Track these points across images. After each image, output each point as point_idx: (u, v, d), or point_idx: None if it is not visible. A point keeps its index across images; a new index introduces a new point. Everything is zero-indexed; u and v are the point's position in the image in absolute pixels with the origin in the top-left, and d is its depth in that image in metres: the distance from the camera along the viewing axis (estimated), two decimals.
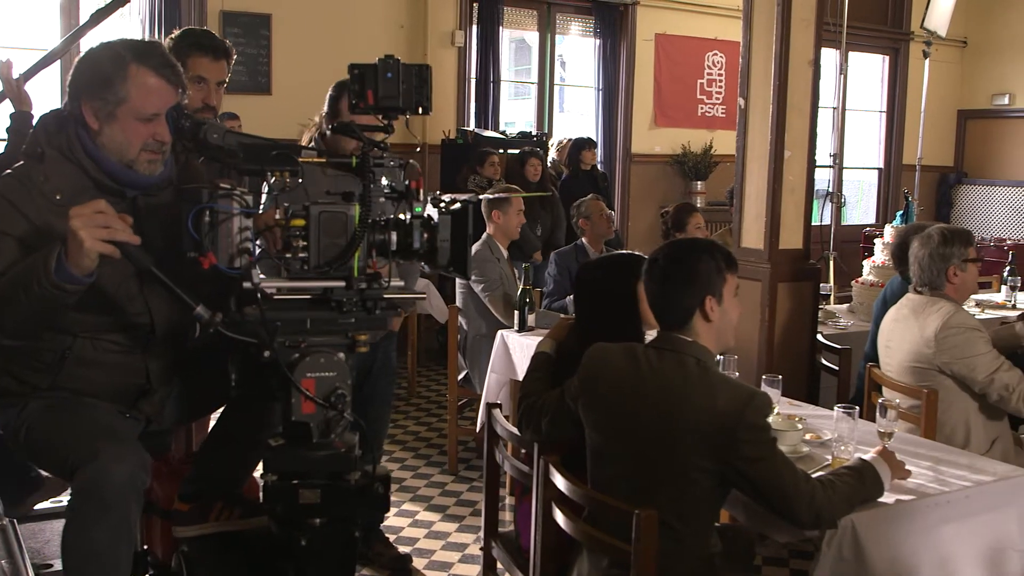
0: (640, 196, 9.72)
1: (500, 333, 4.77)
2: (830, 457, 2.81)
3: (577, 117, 10.26)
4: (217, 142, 2.35)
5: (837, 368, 4.36)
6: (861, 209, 12.03)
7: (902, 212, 6.35)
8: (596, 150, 8.73)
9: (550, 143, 8.95)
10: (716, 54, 10.12)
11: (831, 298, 6.19)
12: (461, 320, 5.24)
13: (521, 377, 3.25)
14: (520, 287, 4.80)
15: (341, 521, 2.24)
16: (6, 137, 3.39)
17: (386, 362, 3.82)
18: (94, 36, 3.24)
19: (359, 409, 2.30)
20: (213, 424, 2.88)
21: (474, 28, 8.67)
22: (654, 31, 9.71)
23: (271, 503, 2.21)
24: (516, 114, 10.20)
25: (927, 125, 8.97)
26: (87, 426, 2.41)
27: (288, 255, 2.16)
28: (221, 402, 2.82)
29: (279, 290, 2.18)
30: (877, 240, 6.13)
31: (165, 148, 2.47)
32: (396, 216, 2.23)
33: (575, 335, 3.03)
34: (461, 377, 5.26)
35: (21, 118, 3.35)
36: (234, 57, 3.36)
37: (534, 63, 9.50)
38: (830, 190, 7.80)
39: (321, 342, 2.19)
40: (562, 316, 4.16)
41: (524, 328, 4.70)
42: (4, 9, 6.92)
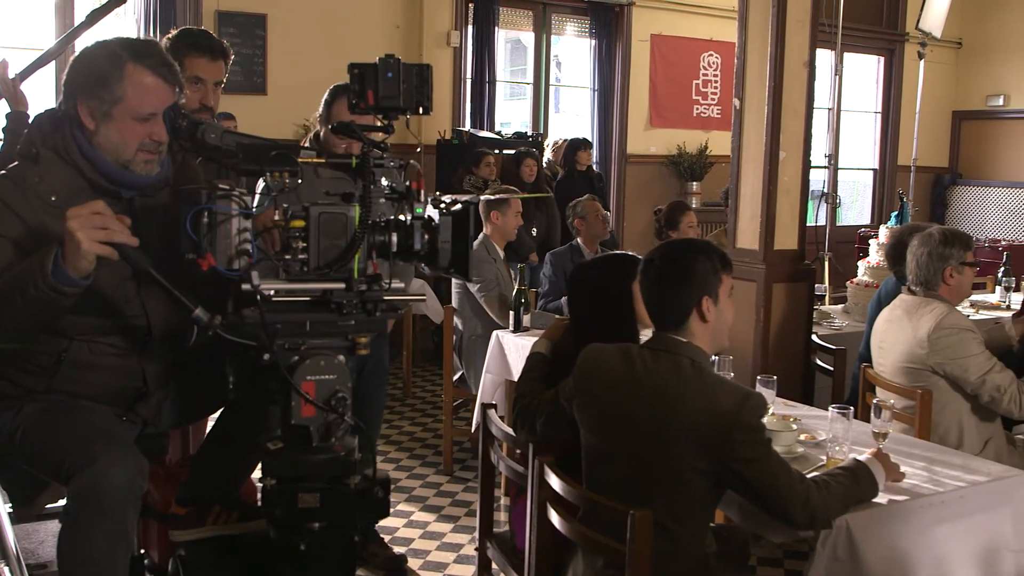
0: (635, 197, 9.72)
1: (495, 333, 4.77)
2: (825, 457, 2.81)
3: (573, 117, 10.26)
4: (215, 142, 2.34)
5: (832, 369, 4.36)
6: (856, 210, 12.05)
7: (897, 213, 6.38)
8: (592, 151, 8.74)
9: (546, 143, 8.94)
10: (711, 55, 10.13)
11: (826, 299, 6.19)
12: (457, 320, 5.24)
13: (516, 377, 3.25)
14: (516, 287, 4.80)
15: (340, 525, 2.22)
16: (2, 137, 3.37)
17: (378, 363, 3.78)
18: (90, 36, 3.23)
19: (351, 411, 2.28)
20: (210, 427, 2.86)
21: (470, 28, 8.67)
22: (650, 32, 9.72)
23: (270, 507, 2.19)
24: (512, 114, 10.21)
25: (922, 126, 8.99)
26: (83, 429, 2.37)
27: (287, 256, 2.14)
28: (218, 405, 2.81)
29: (277, 292, 2.15)
30: (872, 241, 6.14)
31: (162, 148, 2.44)
32: (396, 217, 2.21)
33: (570, 336, 3.03)
34: (456, 377, 5.26)
35: (17, 118, 3.34)
36: (232, 57, 3.35)
37: (530, 63, 9.50)
38: (825, 191, 7.81)
39: (321, 344, 2.17)
40: (557, 317, 4.17)
41: (519, 329, 4.71)
42: None
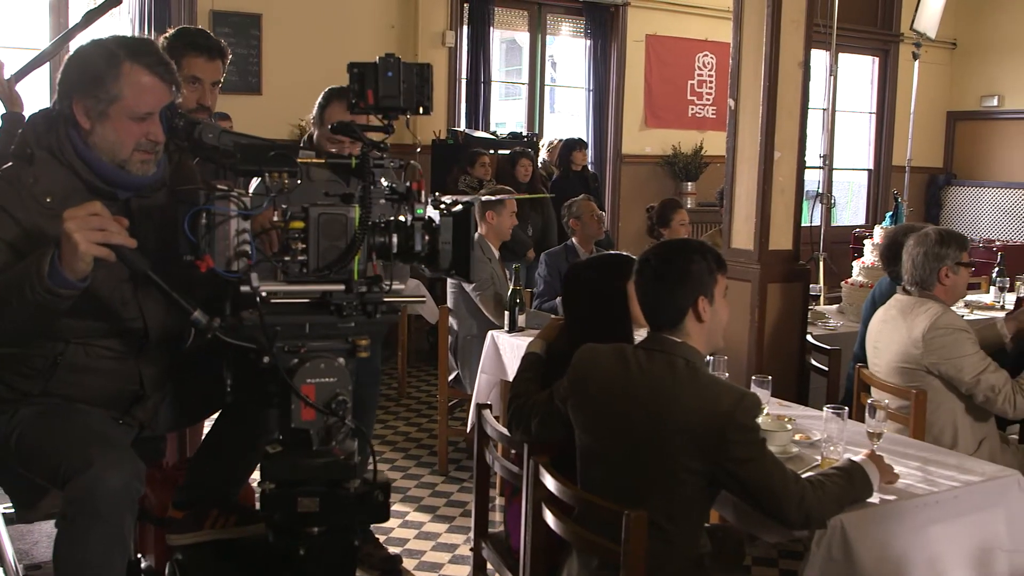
0: (630, 197, 9.73)
1: (490, 334, 4.78)
2: (819, 457, 2.82)
3: (568, 118, 10.27)
4: (212, 142, 2.30)
5: (827, 369, 4.37)
6: (851, 210, 12.08)
7: (892, 213, 6.38)
8: (587, 151, 8.75)
9: (541, 144, 8.95)
10: (706, 55, 10.15)
11: (821, 299, 6.19)
12: (452, 321, 5.24)
13: (511, 378, 3.25)
14: (511, 288, 4.80)
15: (340, 530, 2.19)
16: None
17: (371, 364, 3.75)
18: (85, 36, 3.22)
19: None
20: (208, 430, 2.83)
21: (465, 28, 8.68)
22: (644, 32, 9.73)
23: (269, 511, 2.16)
24: (507, 115, 10.21)
25: (916, 126, 9.01)
26: (80, 433, 2.34)
27: (287, 258, 2.11)
28: (216, 407, 2.78)
29: (276, 294, 2.12)
30: (867, 241, 6.14)
31: (158, 148, 2.40)
32: (397, 218, 2.18)
33: (565, 336, 3.03)
34: (451, 378, 5.27)
35: (12, 119, 3.33)
36: (229, 57, 3.32)
37: (525, 64, 9.51)
38: (820, 191, 7.83)
39: (321, 347, 2.14)
40: (552, 317, 4.17)
41: (514, 329, 4.71)
42: None
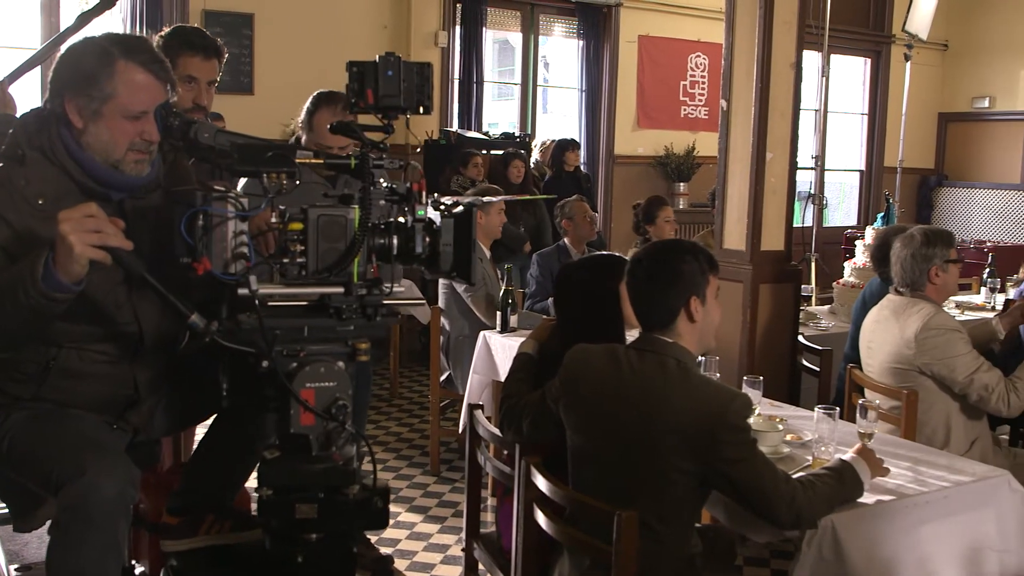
0: (623, 197, 9.71)
1: (482, 334, 4.77)
2: (811, 458, 2.82)
3: (560, 118, 10.26)
4: (208, 142, 2.26)
5: (818, 369, 4.38)
6: (842, 211, 12.09)
7: (883, 214, 6.41)
8: (579, 151, 8.75)
9: (533, 144, 8.94)
10: (699, 56, 10.15)
11: (812, 299, 6.22)
12: (443, 321, 5.24)
13: (503, 378, 3.25)
14: (503, 288, 4.80)
15: (339, 536, 2.16)
16: None
17: (362, 365, 3.73)
18: (78, 37, 3.21)
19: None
20: (203, 434, 2.78)
21: (457, 29, 8.66)
22: (637, 33, 9.73)
23: (267, 518, 2.12)
24: (499, 115, 10.19)
25: (908, 128, 9.03)
26: (73, 439, 2.29)
27: (285, 260, 2.06)
28: (211, 411, 2.73)
29: (274, 297, 2.09)
30: (858, 242, 6.16)
31: (153, 148, 2.35)
32: (397, 219, 2.13)
33: (557, 336, 3.03)
34: (443, 378, 5.26)
35: (4, 122, 3.32)
36: (225, 56, 3.29)
37: (517, 64, 9.50)
38: (812, 192, 7.83)
39: (320, 351, 2.10)
40: (544, 317, 4.17)
41: (506, 329, 4.71)
42: None
